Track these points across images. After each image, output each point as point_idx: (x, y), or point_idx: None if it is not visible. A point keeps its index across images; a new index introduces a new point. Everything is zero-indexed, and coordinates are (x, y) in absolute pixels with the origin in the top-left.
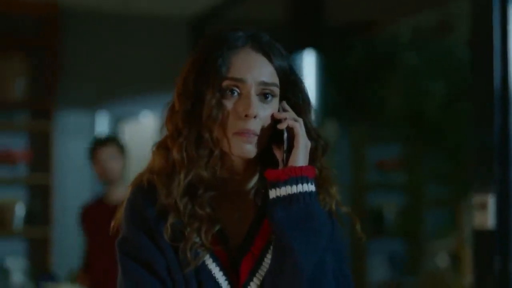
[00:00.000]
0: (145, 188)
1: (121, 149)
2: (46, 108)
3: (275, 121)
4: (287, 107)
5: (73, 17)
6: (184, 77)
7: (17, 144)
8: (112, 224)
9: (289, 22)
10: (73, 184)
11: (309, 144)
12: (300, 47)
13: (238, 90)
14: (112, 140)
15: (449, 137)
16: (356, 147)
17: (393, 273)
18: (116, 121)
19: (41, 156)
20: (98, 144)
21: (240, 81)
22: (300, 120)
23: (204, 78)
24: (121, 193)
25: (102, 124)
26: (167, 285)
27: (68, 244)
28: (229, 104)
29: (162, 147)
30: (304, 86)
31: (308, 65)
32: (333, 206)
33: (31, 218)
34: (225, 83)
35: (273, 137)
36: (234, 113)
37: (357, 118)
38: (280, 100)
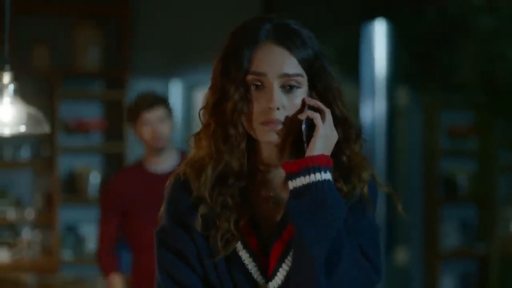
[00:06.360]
0: (181, 180)
1: (170, 111)
2: (120, 77)
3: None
4: (312, 100)
5: None
6: (213, 72)
7: (92, 113)
8: (159, 213)
9: None
10: None
11: (333, 134)
12: (372, 16)
13: (261, 84)
14: (161, 101)
15: None
16: (428, 113)
17: (466, 239)
18: (189, 89)
19: (115, 124)
20: (146, 105)
21: (261, 75)
22: (327, 111)
23: (228, 74)
24: (170, 161)
25: (175, 92)
26: (198, 274)
27: None
28: (253, 97)
29: (197, 139)
30: (330, 72)
31: (379, 34)
32: (365, 190)
33: None
34: (248, 78)
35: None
36: (258, 105)
37: (430, 84)
38: (309, 88)
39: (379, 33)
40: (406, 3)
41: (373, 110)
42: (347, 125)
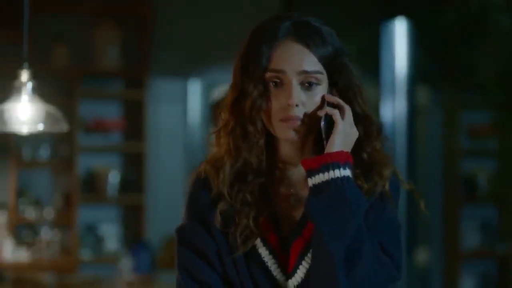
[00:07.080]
0: (201, 178)
1: None
2: (139, 77)
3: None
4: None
5: None
6: (233, 71)
7: (111, 113)
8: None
9: None
10: (166, 151)
11: (353, 131)
12: (392, 15)
13: (280, 81)
14: None
15: None
16: (448, 113)
17: (486, 239)
18: (208, 88)
19: (134, 124)
20: None
21: (280, 72)
22: (346, 107)
23: (248, 72)
24: None
25: (194, 92)
26: (218, 272)
27: (161, 211)
28: (272, 94)
29: (217, 137)
30: (351, 69)
31: (400, 33)
32: (386, 187)
33: (124, 185)
34: (267, 75)
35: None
36: (277, 102)
37: (450, 83)
38: (329, 85)
39: (399, 32)
40: (426, 2)
41: (393, 110)
42: (367, 122)
